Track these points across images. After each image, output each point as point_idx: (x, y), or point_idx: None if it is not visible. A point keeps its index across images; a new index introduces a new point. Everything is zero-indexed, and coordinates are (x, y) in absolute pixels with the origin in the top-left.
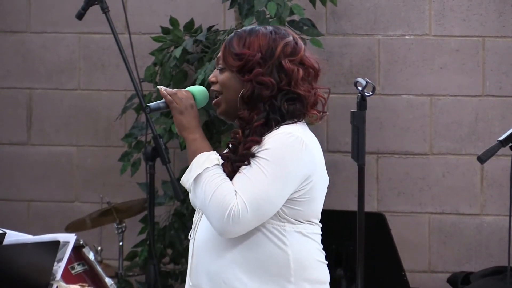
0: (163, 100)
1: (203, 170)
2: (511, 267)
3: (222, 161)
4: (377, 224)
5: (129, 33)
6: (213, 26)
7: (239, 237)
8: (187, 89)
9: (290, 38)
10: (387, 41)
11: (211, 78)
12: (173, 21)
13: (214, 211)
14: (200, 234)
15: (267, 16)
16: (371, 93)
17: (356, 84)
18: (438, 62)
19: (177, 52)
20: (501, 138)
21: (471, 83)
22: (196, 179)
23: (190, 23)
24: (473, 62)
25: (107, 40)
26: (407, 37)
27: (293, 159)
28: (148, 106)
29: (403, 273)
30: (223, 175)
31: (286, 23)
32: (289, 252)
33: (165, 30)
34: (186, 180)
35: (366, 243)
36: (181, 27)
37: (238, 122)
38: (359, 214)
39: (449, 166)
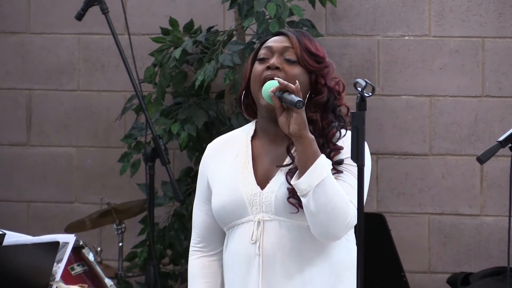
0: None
1: (328, 174)
2: (510, 268)
3: None
4: (377, 225)
5: (129, 34)
6: (212, 26)
7: (325, 248)
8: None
9: None
10: (387, 41)
11: (276, 63)
12: (173, 22)
13: (335, 216)
14: (273, 249)
15: (266, 17)
16: (370, 94)
17: (355, 84)
18: (437, 63)
19: (177, 53)
20: (501, 138)
21: (471, 84)
22: (320, 182)
23: (190, 24)
24: (472, 63)
25: (107, 41)
26: (406, 37)
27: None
28: (301, 101)
29: (402, 274)
30: None
31: (286, 24)
32: (353, 256)
33: (164, 31)
34: (307, 181)
35: (365, 243)
36: (181, 28)
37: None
38: (358, 215)
39: (449, 167)
